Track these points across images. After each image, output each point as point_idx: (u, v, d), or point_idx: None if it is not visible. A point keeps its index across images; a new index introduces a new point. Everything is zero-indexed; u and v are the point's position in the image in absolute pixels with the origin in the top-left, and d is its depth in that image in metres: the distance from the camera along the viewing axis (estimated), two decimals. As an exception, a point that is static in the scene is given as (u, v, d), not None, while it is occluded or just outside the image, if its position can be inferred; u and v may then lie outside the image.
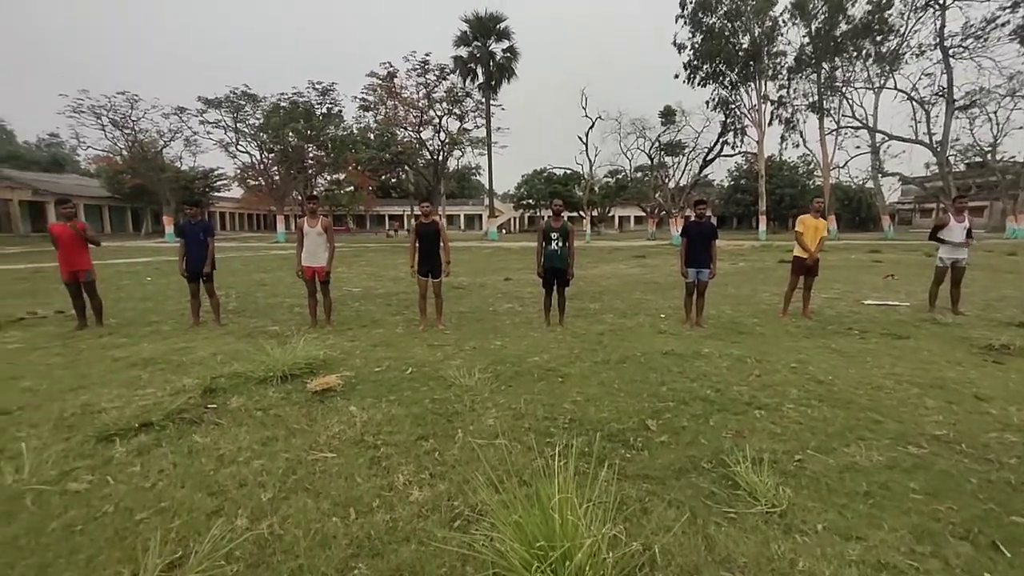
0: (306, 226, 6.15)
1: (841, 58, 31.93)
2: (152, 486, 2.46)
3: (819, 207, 6.83)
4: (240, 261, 17.17)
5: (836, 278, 11.21)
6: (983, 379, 4.03)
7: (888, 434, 3.03)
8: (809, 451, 2.83)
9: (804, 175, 52.14)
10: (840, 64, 32.35)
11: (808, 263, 6.72)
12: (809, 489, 2.44)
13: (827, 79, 32.80)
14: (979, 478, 2.52)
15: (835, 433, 3.06)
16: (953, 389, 3.79)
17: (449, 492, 2.43)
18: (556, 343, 5.37)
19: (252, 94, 31.14)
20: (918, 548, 2.00)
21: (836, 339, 5.59)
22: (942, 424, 3.16)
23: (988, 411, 3.36)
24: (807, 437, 3.02)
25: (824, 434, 3.05)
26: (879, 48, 30.72)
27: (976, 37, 27.72)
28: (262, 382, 3.90)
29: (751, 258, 17.81)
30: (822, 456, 2.77)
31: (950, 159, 30.70)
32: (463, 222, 64.11)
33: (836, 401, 3.60)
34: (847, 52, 31.44)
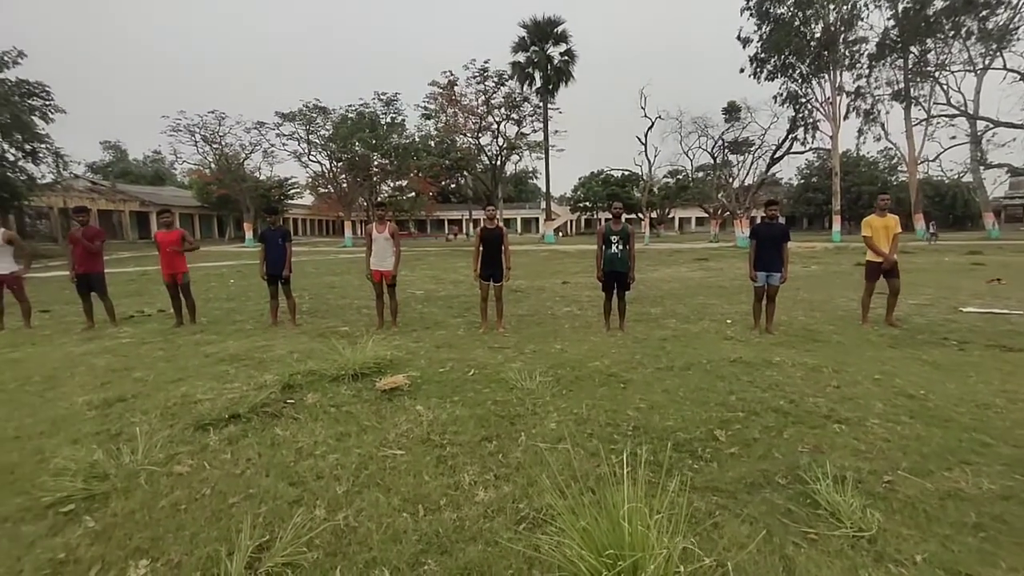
0: (375, 232, 6.45)
1: (934, 39, 29.02)
2: (241, 473, 2.68)
3: (883, 204, 6.28)
4: (312, 264, 18.28)
5: (925, 282, 10.23)
6: (1118, 400, 3.52)
7: (1001, 459, 2.72)
8: (900, 472, 2.60)
9: (885, 170, 48.11)
10: (933, 46, 29.43)
11: (884, 266, 6.20)
12: (902, 514, 2.24)
13: (916, 64, 29.97)
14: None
15: (932, 454, 2.79)
16: (1081, 410, 3.35)
17: (514, 494, 2.45)
18: (617, 348, 5.29)
19: (323, 107, 33.15)
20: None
21: (928, 350, 5.10)
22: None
23: None
24: (897, 456, 2.77)
25: (918, 454, 2.79)
26: (984, 24, 27.56)
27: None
28: (335, 380, 4.13)
29: (824, 261, 16.63)
30: (917, 479, 2.53)
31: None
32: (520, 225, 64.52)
33: (931, 419, 3.29)
34: (942, 32, 28.51)
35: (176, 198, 44.10)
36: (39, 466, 2.78)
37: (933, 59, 29.77)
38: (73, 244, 6.74)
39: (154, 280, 12.27)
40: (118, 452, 2.82)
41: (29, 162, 25.42)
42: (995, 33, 27.31)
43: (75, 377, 4.52)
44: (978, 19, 27.58)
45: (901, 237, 6.37)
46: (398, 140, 34.73)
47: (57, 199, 31.13)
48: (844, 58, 30.44)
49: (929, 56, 29.81)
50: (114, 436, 3.17)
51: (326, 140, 33.70)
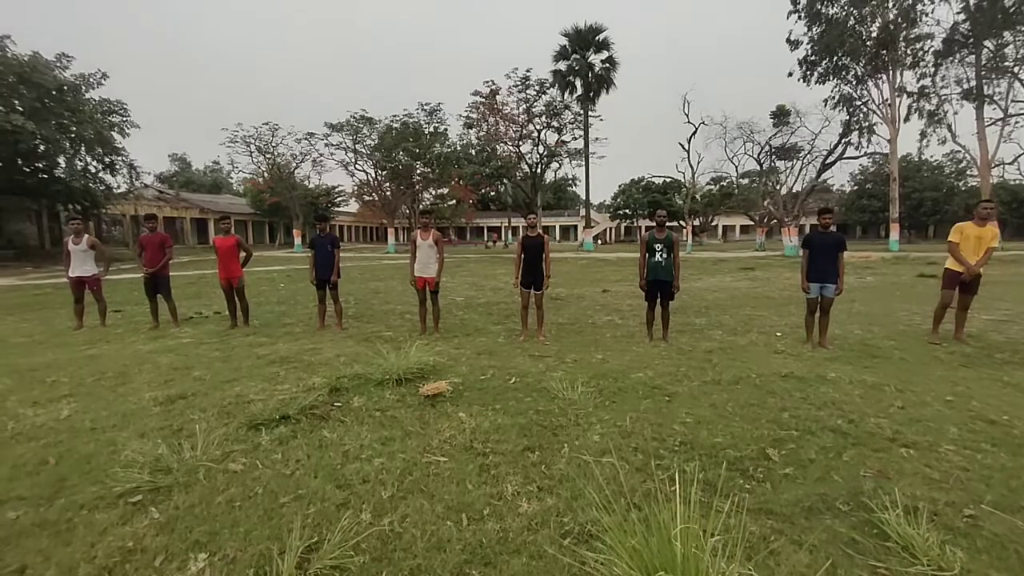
0: (419, 239, 6.58)
1: (1013, 31, 26.81)
2: (291, 474, 2.76)
3: (986, 213, 5.80)
4: (357, 270, 18.86)
5: (1003, 296, 9.44)
6: None
7: (1105, 499, 2.46)
8: (984, 506, 2.38)
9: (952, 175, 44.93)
10: (1011, 39, 27.20)
11: (964, 278, 5.75)
12: (990, 555, 2.05)
13: (991, 60, 27.82)
14: None
15: (1020, 488, 2.55)
16: None
17: (558, 507, 2.41)
18: (660, 359, 5.15)
19: (369, 117, 34.30)
20: None
21: (1010, 370, 4.70)
22: None
23: None
24: (979, 488, 2.55)
25: (1005, 488, 2.55)
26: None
27: None
28: (379, 384, 4.21)
29: (882, 271, 15.67)
30: (1005, 515, 2.31)
31: None
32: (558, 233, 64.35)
33: (1019, 447, 3.02)
34: (1022, 23, 26.36)
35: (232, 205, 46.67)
36: (112, 457, 2.97)
37: (1011, 53, 27.52)
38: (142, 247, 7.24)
39: (212, 283, 12.99)
40: (180, 447, 2.97)
41: (107, 173, 27.67)
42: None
43: (142, 374, 4.82)
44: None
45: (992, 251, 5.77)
46: (440, 149, 35.46)
47: (129, 207, 33.66)
48: (905, 56, 28.67)
49: (1007, 51, 27.58)
50: (176, 432, 3.35)
51: (371, 150, 34.83)
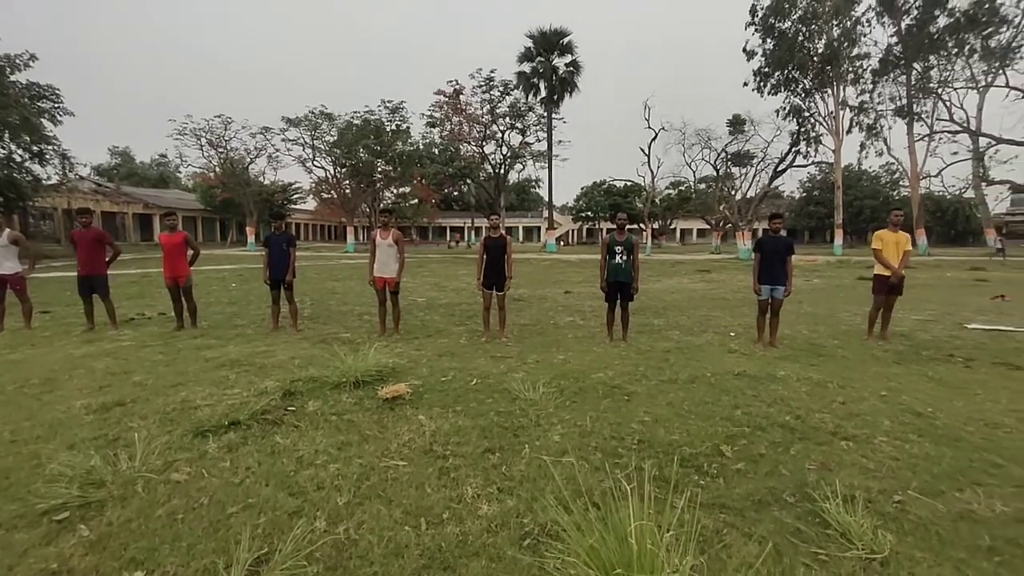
0: (378, 238, 6.44)
1: (937, 56, 29.20)
2: (240, 482, 2.64)
3: (897, 220, 6.28)
4: (314, 270, 18.29)
5: (928, 298, 10.20)
6: None
7: (1013, 481, 2.68)
8: (911, 492, 2.55)
9: (887, 185, 48.28)
10: (936, 63, 29.59)
11: (892, 281, 6.18)
12: (915, 536, 2.19)
13: (919, 80, 30.13)
14: None
15: (943, 474, 2.74)
16: (1093, 432, 3.30)
17: (518, 508, 2.41)
18: (620, 359, 5.25)
19: (328, 113, 33.40)
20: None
21: (934, 366, 5.06)
22: (1082, 473, 2.75)
23: None
24: (907, 476, 2.73)
25: (929, 474, 2.74)
26: (987, 42, 27.75)
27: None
28: (336, 387, 4.09)
29: (827, 274, 16.61)
30: (928, 499, 2.48)
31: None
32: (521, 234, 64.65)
33: (940, 437, 3.24)
34: (945, 49, 28.71)
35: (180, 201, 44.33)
36: (35, 472, 2.73)
37: (936, 76, 29.94)
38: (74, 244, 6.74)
39: (156, 283, 12.26)
40: (115, 458, 2.78)
41: (36, 163, 25.63)
42: (997, 51, 27.51)
43: (73, 380, 4.48)
44: (981, 37, 27.77)
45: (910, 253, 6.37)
46: (402, 147, 34.93)
47: (61, 200, 31.27)
48: (847, 73, 30.62)
49: (932, 73, 29.96)
50: (112, 441, 3.13)
51: (331, 146, 33.90)
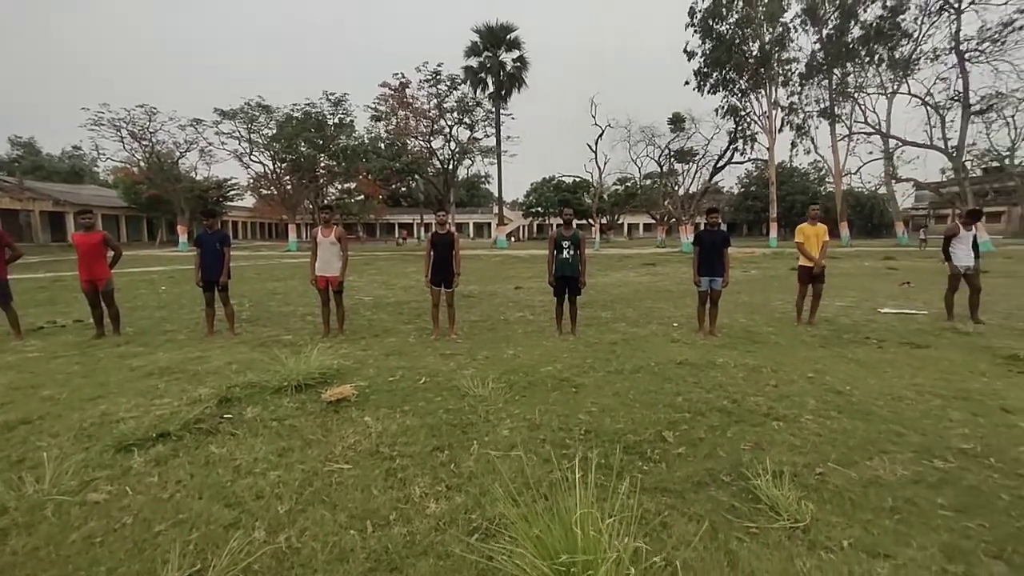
0: (320, 235, 6.21)
1: (853, 64, 31.71)
2: (170, 497, 2.47)
3: (815, 214, 6.79)
4: (253, 270, 17.37)
5: (850, 286, 11.05)
6: (1009, 390, 3.93)
7: (911, 447, 2.96)
8: (830, 464, 2.77)
9: (815, 181, 51.76)
10: (852, 70, 32.12)
11: (815, 271, 6.66)
12: (832, 504, 2.38)
13: (839, 85, 32.59)
14: (1011, 494, 2.44)
15: (856, 446, 2.99)
16: (978, 401, 3.70)
17: (466, 505, 2.41)
18: (569, 352, 5.34)
19: (266, 105, 31.69)
20: (949, 568, 1.94)
21: (853, 348, 5.49)
22: (969, 437, 3.08)
23: (1017, 424, 3.27)
24: (827, 450, 2.95)
25: (845, 447, 2.99)
26: (892, 53, 30.43)
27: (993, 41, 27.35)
28: (277, 392, 3.92)
29: (763, 265, 17.63)
30: (844, 469, 2.71)
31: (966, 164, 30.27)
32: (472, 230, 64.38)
33: (856, 412, 3.53)
34: (859, 58, 31.22)
35: (98, 198, 40.74)
36: (-77, 501, 2.44)
37: (852, 81, 32.47)
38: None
39: (70, 287, 11.21)
40: (20, 482, 2.54)
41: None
42: (901, 62, 30.21)
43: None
44: (887, 48, 30.40)
45: (828, 244, 6.89)
46: (346, 141, 33.76)
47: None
48: (778, 75, 32.66)
49: (849, 78, 32.49)
50: (15, 463, 2.83)
51: (269, 140, 32.23)
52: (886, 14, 29.70)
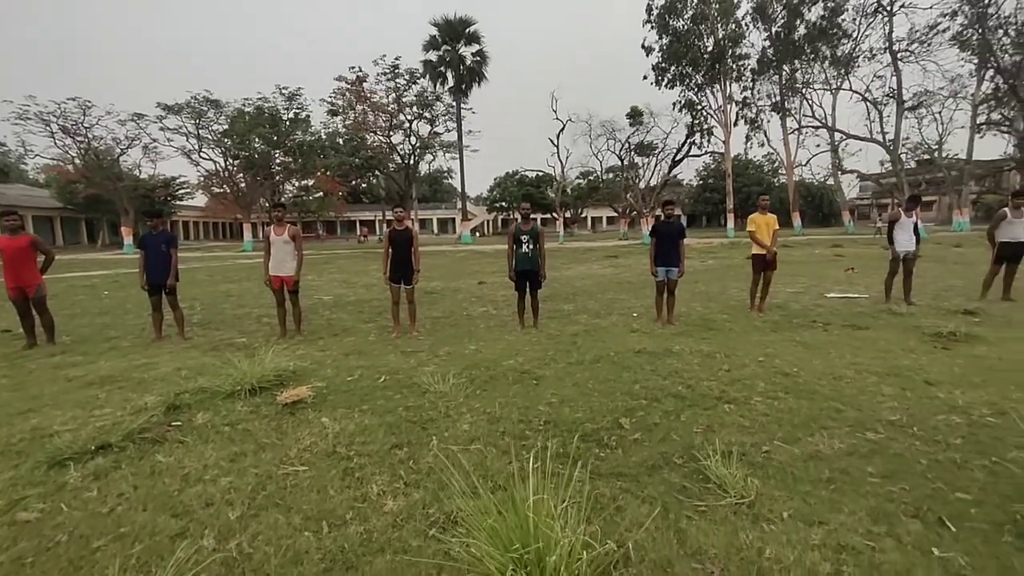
0: (273, 234, 6.02)
1: (800, 60, 33.10)
2: (110, 511, 2.36)
3: (764, 204, 7.08)
4: (205, 271, 16.64)
5: (801, 273, 11.58)
6: (933, 365, 4.23)
7: (848, 422, 3.16)
8: (776, 442, 2.91)
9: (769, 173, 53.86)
10: (799, 66, 33.52)
11: (768, 257, 6.95)
12: (776, 479, 2.51)
13: (788, 80, 33.96)
14: (928, 459, 2.65)
15: (800, 423, 3.16)
16: (907, 376, 3.97)
17: (424, 500, 2.41)
18: (531, 345, 5.39)
19: (215, 100, 30.25)
20: (874, 528, 2.09)
21: (801, 332, 5.76)
22: (896, 410, 3.30)
23: (937, 395, 3.54)
24: (774, 428, 3.10)
25: (790, 425, 3.15)
26: (834, 51, 32.02)
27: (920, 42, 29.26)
28: (229, 396, 3.79)
29: (720, 255, 18.25)
30: (788, 446, 2.85)
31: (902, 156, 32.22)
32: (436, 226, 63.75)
33: (801, 392, 3.71)
34: (805, 55, 32.63)
35: (27, 198, 38.08)
36: None
37: (800, 77, 33.93)
38: None
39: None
40: (-59, 504, 2.36)
41: None
42: (842, 59, 31.83)
43: None
44: (830, 47, 31.96)
45: (780, 233, 7.20)
46: (303, 137, 32.71)
47: None
48: (732, 71, 33.74)
49: (797, 74, 33.90)
50: (-64, 485, 2.64)
51: (220, 136, 30.83)
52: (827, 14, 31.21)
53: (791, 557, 1.92)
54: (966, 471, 2.53)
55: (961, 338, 5.00)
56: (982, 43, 27.58)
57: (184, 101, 29.55)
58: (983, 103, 30.02)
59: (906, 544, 2.00)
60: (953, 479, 2.46)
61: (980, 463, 2.60)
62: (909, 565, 1.89)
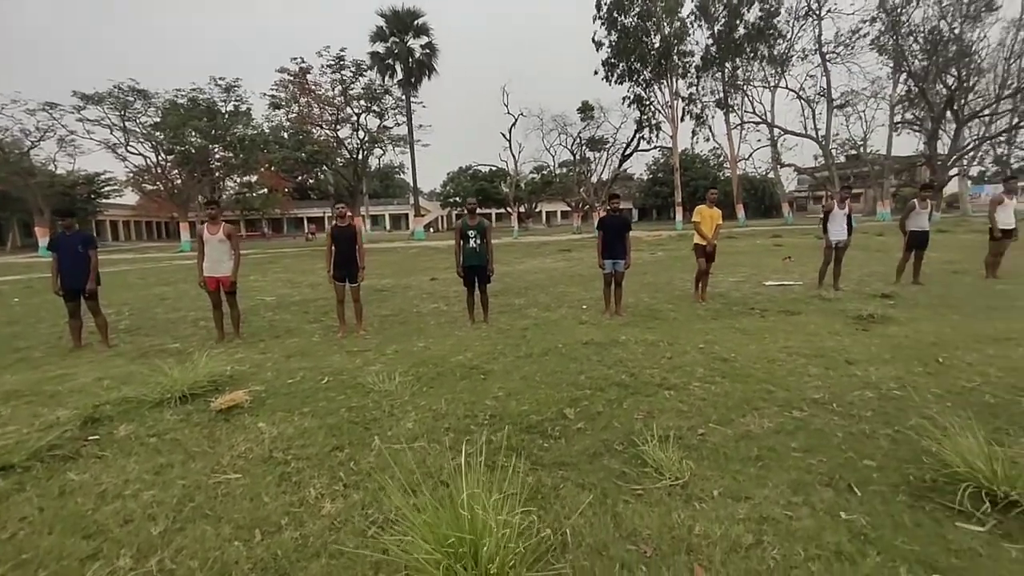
0: (206, 233, 5.70)
1: (741, 59, 34.70)
2: (11, 537, 2.16)
3: (713, 198, 7.38)
4: (138, 274, 15.54)
5: (743, 262, 12.14)
6: (854, 345, 4.55)
7: (777, 402, 3.34)
8: (711, 424, 3.04)
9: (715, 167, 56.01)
10: (740, 64, 35.14)
11: (708, 249, 7.24)
12: (709, 460, 2.63)
13: (730, 78, 35.50)
14: (843, 431, 2.86)
15: (734, 406, 3.31)
16: (831, 356, 4.25)
17: (363, 501, 2.35)
18: (480, 341, 5.38)
19: (142, 90, 28.13)
20: (793, 499, 2.23)
21: (740, 319, 6.03)
22: (820, 388, 3.53)
23: (855, 373, 3.81)
24: (710, 412, 3.24)
25: (724, 407, 3.29)
26: (771, 51, 33.77)
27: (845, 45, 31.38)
28: (157, 405, 3.56)
29: (668, 247, 18.85)
30: (722, 428, 2.99)
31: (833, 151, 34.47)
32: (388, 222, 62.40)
33: (736, 376, 3.88)
34: (745, 53, 34.24)
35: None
36: None
37: (742, 75, 35.57)
38: None
39: None
40: None
41: None
42: (778, 58, 33.64)
43: None
44: (767, 46, 33.68)
45: (724, 225, 7.51)
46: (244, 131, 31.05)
47: None
48: (678, 67, 34.87)
49: (739, 72, 35.53)
50: None
51: (150, 129, 28.77)
52: (764, 15, 32.86)
53: (718, 532, 2.02)
54: (873, 440, 2.75)
55: (878, 320, 5.41)
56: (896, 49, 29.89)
57: (106, 91, 27.32)
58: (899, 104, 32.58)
59: (819, 511, 2.14)
60: (862, 448, 2.66)
61: (885, 432, 2.83)
62: (819, 529, 2.02)
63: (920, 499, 2.20)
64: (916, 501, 2.19)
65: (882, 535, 1.98)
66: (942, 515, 2.09)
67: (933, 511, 2.12)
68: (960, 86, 29.59)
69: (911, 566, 1.81)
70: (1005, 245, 8.16)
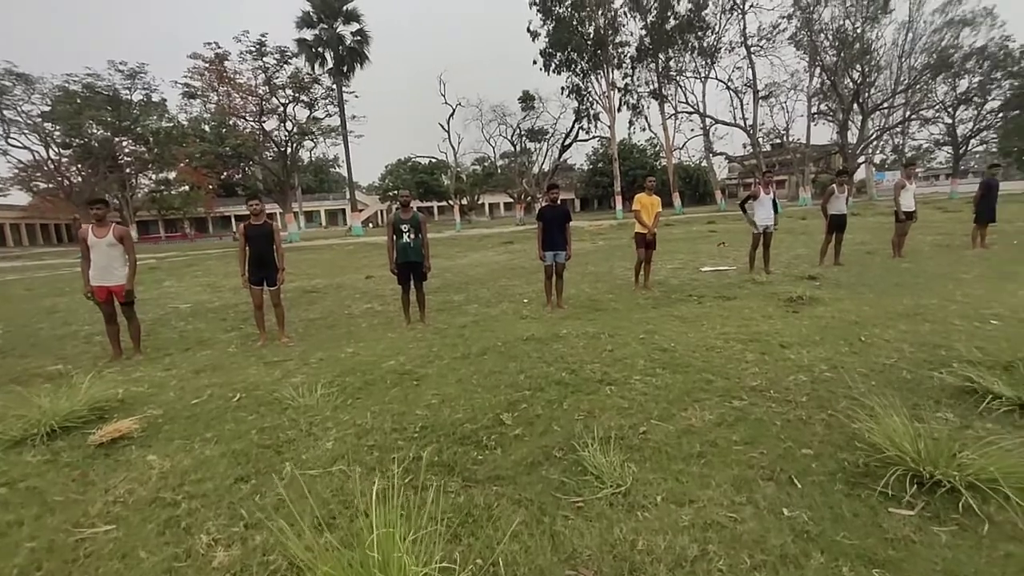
0: (91, 236, 4.97)
1: (673, 50, 35.80)
2: None
3: (651, 186, 7.41)
4: (25, 284, 13.74)
5: (680, 250, 12.46)
6: (786, 328, 4.64)
7: (718, 392, 3.27)
8: (652, 421, 2.91)
9: (652, 156, 57.89)
10: (673, 55, 36.26)
11: (648, 237, 7.27)
12: (652, 461, 2.48)
13: (664, 68, 36.55)
14: (781, 419, 2.82)
15: (675, 399, 3.20)
16: (765, 341, 4.29)
17: (265, 545, 2.01)
18: (415, 342, 5.05)
19: (23, 73, 24.93)
20: (736, 498, 2.13)
21: (679, 306, 6.05)
22: (757, 375, 3.51)
23: (789, 356, 3.85)
24: (651, 407, 3.11)
25: (666, 401, 3.17)
26: (701, 42, 35.08)
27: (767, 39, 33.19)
28: (16, 445, 2.98)
29: (609, 236, 19.16)
30: (663, 424, 2.86)
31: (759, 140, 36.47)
32: (324, 218, 59.79)
33: (677, 367, 3.79)
34: (677, 44, 35.37)
35: None
36: None
37: (674, 66, 36.72)
38: None
39: None
40: None
41: None
42: (707, 50, 35.04)
43: None
44: (697, 38, 34.97)
45: (663, 214, 7.57)
46: (157, 123, 28.39)
47: None
48: (613, 58, 35.46)
49: (671, 63, 36.66)
50: None
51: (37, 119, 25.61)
52: (693, 7, 34.03)
53: (662, 545, 1.86)
54: (809, 426, 2.72)
55: (806, 301, 5.59)
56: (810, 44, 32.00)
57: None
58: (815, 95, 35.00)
59: (762, 509, 2.05)
60: (800, 436, 2.62)
61: (820, 417, 2.82)
62: (764, 531, 1.92)
63: (856, 486, 2.17)
64: (852, 489, 2.15)
65: (823, 530, 1.90)
66: (876, 502, 2.05)
67: (868, 498, 2.08)
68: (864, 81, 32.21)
69: (852, 563, 1.74)
70: (908, 226, 8.89)
